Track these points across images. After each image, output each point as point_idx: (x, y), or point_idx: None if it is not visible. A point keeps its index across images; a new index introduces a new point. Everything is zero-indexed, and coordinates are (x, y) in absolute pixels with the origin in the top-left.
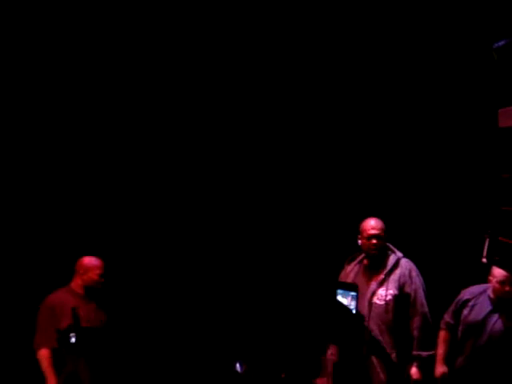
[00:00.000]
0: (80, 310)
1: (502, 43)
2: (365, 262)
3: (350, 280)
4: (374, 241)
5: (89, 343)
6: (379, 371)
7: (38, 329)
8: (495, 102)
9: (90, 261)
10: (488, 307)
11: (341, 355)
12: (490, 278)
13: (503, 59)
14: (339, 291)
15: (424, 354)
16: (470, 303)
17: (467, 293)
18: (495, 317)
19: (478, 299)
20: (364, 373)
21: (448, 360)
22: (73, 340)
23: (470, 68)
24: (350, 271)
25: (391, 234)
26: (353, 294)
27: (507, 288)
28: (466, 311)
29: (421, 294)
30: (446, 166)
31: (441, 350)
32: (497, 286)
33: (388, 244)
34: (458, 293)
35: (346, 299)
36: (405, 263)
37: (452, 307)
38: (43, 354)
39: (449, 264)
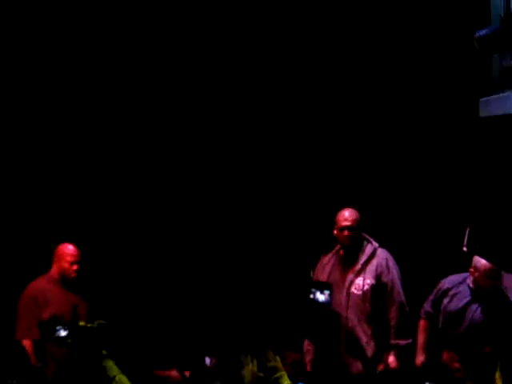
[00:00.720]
0: (54, 297)
1: (483, 33)
2: (341, 252)
3: (326, 271)
4: (346, 232)
5: (83, 342)
6: (357, 361)
7: (20, 319)
8: (476, 92)
9: (62, 248)
10: (468, 297)
11: (317, 352)
12: (472, 270)
13: (484, 49)
14: (313, 290)
15: (401, 342)
16: (451, 292)
17: (447, 282)
18: (475, 306)
19: (458, 288)
20: (341, 365)
21: (428, 349)
22: (62, 333)
23: (451, 57)
24: (327, 263)
25: (371, 224)
26: (327, 292)
27: (491, 281)
28: (446, 300)
29: (398, 284)
30: (426, 155)
31: (421, 339)
32: (479, 278)
33: (364, 234)
34: (438, 282)
35: (320, 297)
36: (381, 253)
37: (431, 296)
38: (25, 346)
39: (429, 253)
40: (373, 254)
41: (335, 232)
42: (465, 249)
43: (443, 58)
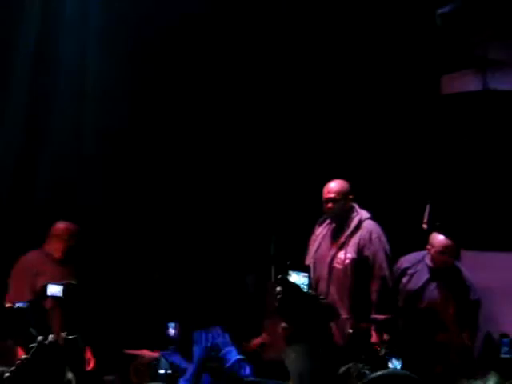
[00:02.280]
0: (46, 270)
1: (446, 9)
2: (333, 224)
3: (316, 244)
4: (329, 204)
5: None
6: (337, 336)
7: (12, 288)
8: (438, 69)
9: (57, 225)
10: (426, 275)
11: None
12: (429, 247)
13: (446, 26)
14: (291, 272)
15: (380, 317)
16: (410, 271)
17: (406, 261)
18: (433, 285)
19: (416, 267)
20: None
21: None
22: None
23: (413, 34)
24: (319, 234)
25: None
26: (305, 274)
27: (446, 257)
28: (405, 279)
29: (380, 257)
30: (388, 131)
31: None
32: (435, 255)
33: (354, 205)
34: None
35: (298, 279)
36: (367, 225)
37: None
38: None
39: (388, 230)
40: (357, 227)
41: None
42: (425, 226)
43: (406, 35)
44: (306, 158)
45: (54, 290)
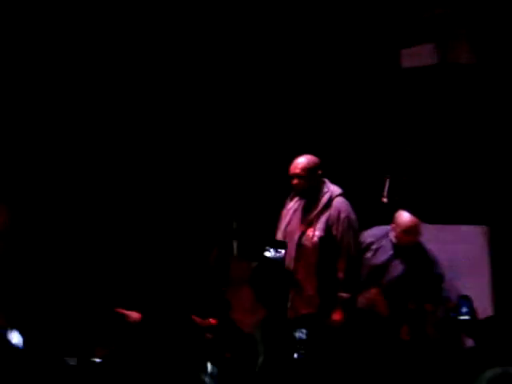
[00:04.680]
0: None
1: None
2: (303, 200)
3: (286, 219)
4: (295, 180)
5: None
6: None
7: None
8: (398, 43)
9: None
10: (390, 251)
11: (268, 311)
12: (394, 225)
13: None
14: (267, 247)
15: (345, 296)
16: (373, 246)
17: (369, 236)
18: (397, 261)
19: (380, 242)
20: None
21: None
22: None
23: (373, 8)
24: (290, 209)
25: None
26: (282, 250)
27: (411, 237)
28: (369, 254)
29: (348, 237)
30: (349, 105)
31: None
32: (400, 234)
33: (324, 181)
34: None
35: (273, 255)
36: (336, 203)
37: None
38: None
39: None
40: (327, 205)
41: None
42: (384, 200)
43: (366, 8)
44: (271, 132)
45: None
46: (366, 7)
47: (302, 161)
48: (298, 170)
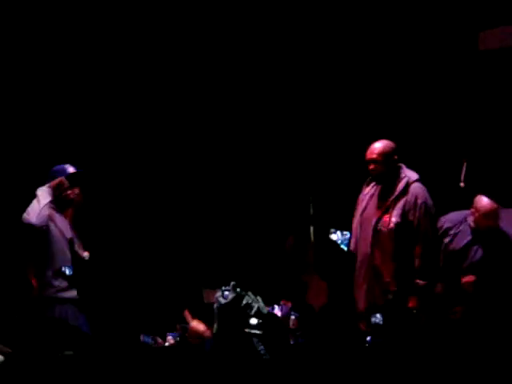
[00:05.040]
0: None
1: None
2: (380, 185)
3: (363, 205)
4: (371, 166)
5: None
6: (378, 297)
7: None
8: (476, 25)
9: None
10: (469, 236)
11: (330, 292)
12: (473, 210)
13: None
14: (332, 230)
15: (421, 282)
16: (452, 232)
17: (447, 221)
18: (476, 246)
19: (458, 228)
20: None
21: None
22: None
23: None
24: (367, 194)
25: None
26: (346, 233)
27: (491, 222)
28: (447, 240)
29: (425, 223)
30: (426, 89)
31: None
32: (480, 219)
33: (401, 166)
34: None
35: (336, 237)
36: (413, 189)
37: None
38: None
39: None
40: (404, 191)
41: None
42: (462, 184)
43: None
44: (347, 118)
45: None
46: None
47: (379, 146)
48: (374, 156)
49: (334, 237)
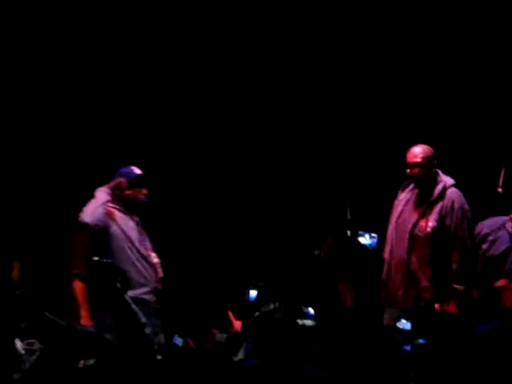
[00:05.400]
0: None
1: None
2: (416, 190)
3: (398, 210)
4: (415, 169)
5: None
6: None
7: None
8: None
9: None
10: (507, 242)
11: (356, 294)
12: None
13: None
14: (361, 232)
15: (459, 287)
16: (490, 238)
17: (486, 226)
18: None
19: (497, 234)
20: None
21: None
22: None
23: None
24: (402, 199)
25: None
26: (375, 235)
27: None
28: (485, 245)
29: (462, 227)
30: (460, 94)
31: None
32: None
33: (438, 171)
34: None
35: (365, 240)
36: (450, 194)
37: None
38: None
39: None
40: (441, 195)
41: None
42: (500, 190)
43: None
44: (384, 122)
45: None
46: None
47: (421, 150)
48: (418, 159)
49: (362, 239)
